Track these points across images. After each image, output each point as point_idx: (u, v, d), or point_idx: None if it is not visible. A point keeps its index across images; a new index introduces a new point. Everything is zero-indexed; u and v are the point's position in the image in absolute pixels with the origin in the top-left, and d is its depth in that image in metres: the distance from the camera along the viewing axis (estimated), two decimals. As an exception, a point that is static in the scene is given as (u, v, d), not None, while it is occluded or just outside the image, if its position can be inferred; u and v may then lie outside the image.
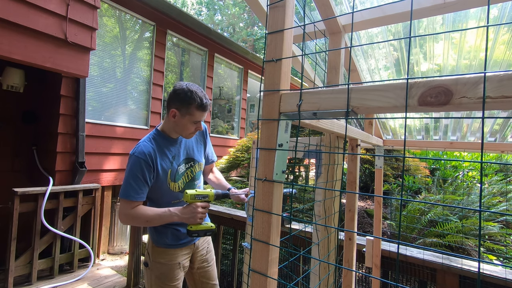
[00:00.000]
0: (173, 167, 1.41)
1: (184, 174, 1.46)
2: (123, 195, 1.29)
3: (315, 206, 1.08)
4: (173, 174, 1.41)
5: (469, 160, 0.45)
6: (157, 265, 1.43)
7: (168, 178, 1.39)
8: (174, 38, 4.88)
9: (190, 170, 1.49)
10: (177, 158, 1.44)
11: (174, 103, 1.34)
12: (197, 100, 1.31)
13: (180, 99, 1.32)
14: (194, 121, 1.36)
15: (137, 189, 1.28)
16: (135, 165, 1.29)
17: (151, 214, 1.30)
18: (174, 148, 1.43)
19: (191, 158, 1.51)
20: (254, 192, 0.68)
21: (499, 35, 1.21)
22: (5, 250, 2.65)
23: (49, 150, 3.25)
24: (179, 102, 1.33)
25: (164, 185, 1.38)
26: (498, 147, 1.85)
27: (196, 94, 1.32)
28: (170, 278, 1.42)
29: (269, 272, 0.62)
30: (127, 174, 1.30)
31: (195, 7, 20.58)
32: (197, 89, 1.34)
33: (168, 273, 1.43)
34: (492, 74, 0.41)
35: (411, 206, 3.76)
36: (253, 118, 10.51)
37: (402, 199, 0.46)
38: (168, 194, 1.42)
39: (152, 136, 1.40)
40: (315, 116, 0.64)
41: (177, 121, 1.36)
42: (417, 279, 1.69)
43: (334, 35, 1.08)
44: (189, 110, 1.32)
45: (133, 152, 1.32)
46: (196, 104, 1.32)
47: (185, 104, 1.31)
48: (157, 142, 1.38)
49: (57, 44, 2.66)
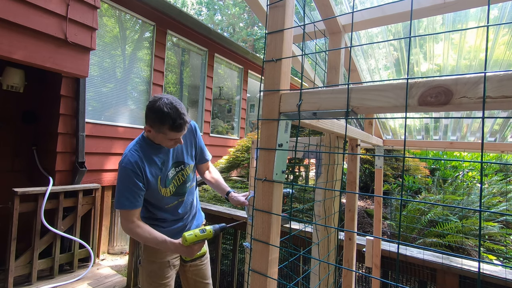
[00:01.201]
0: (163, 173, 1.40)
1: (175, 178, 1.46)
2: (119, 206, 1.29)
3: (315, 206, 1.08)
4: (163, 180, 1.40)
5: (469, 160, 0.45)
6: (148, 263, 1.47)
7: (159, 184, 1.38)
8: (174, 38, 4.88)
9: (181, 173, 1.48)
10: (166, 163, 1.41)
11: (148, 120, 1.29)
12: (169, 122, 1.24)
13: (152, 119, 1.26)
14: (169, 138, 1.32)
15: (131, 198, 1.29)
16: (125, 175, 1.28)
17: (149, 238, 1.31)
18: (163, 154, 1.41)
19: (180, 161, 1.49)
20: (254, 192, 0.68)
21: (499, 35, 1.21)
22: (5, 250, 2.64)
23: (49, 150, 3.24)
24: (151, 121, 1.27)
25: (155, 191, 1.38)
26: (498, 147, 1.85)
27: (169, 115, 1.23)
28: (159, 276, 1.45)
29: (269, 272, 0.62)
30: (119, 185, 1.30)
31: (195, 7, 20.58)
32: (171, 109, 1.24)
33: (157, 271, 1.45)
34: (492, 74, 0.41)
35: (411, 206, 3.76)
36: (253, 118, 10.52)
37: (402, 199, 0.47)
38: (160, 199, 1.42)
39: (139, 144, 1.36)
40: (315, 116, 0.64)
41: (153, 136, 1.33)
42: (417, 279, 1.69)
43: (334, 35, 1.08)
44: (161, 130, 1.27)
45: (121, 163, 1.31)
46: (169, 126, 1.25)
47: (157, 123, 1.26)
48: (143, 149, 1.35)
49: (57, 44, 2.66)
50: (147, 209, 1.45)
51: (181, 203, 1.51)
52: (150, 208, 1.45)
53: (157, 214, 1.47)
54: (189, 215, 1.57)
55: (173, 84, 6.71)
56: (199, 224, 1.65)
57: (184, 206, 1.52)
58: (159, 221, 1.48)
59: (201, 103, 5.62)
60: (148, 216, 1.47)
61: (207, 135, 5.63)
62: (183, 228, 1.53)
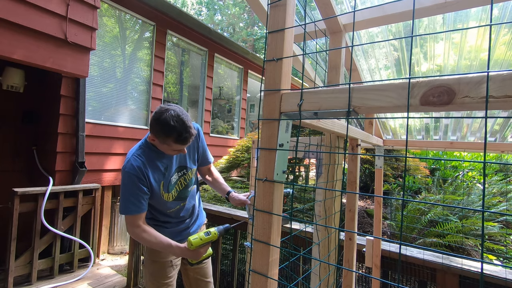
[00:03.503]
0: (166, 179, 1.39)
1: (177, 183, 1.45)
2: (125, 211, 1.28)
3: (316, 206, 1.08)
4: (166, 185, 1.39)
5: (470, 160, 0.45)
6: (150, 263, 1.48)
7: (161, 189, 1.38)
8: (174, 38, 4.87)
9: (183, 178, 1.48)
10: (169, 168, 1.41)
11: (153, 130, 1.27)
12: (174, 135, 1.22)
13: (158, 130, 1.25)
14: (173, 149, 1.31)
15: (137, 202, 1.28)
16: (129, 180, 1.28)
17: (155, 242, 1.30)
18: (166, 159, 1.40)
19: (183, 166, 1.48)
20: (254, 192, 0.67)
21: (499, 35, 1.21)
22: (5, 250, 2.64)
23: (49, 150, 3.24)
24: (156, 132, 1.26)
25: (158, 196, 1.37)
26: (498, 147, 1.84)
27: (175, 129, 1.21)
28: (162, 276, 1.46)
29: (269, 273, 0.62)
30: (123, 191, 1.29)
31: (195, 7, 20.57)
32: (178, 122, 1.22)
33: (160, 270, 1.46)
34: (495, 73, 0.41)
35: (411, 206, 3.75)
36: (253, 118, 10.50)
37: (403, 199, 0.46)
38: (163, 204, 1.42)
39: (142, 149, 1.35)
40: (316, 116, 0.63)
41: (157, 145, 1.32)
42: (417, 279, 1.69)
43: (335, 35, 1.07)
44: (166, 142, 1.26)
45: (124, 168, 1.30)
46: (174, 139, 1.24)
47: (162, 136, 1.25)
48: (146, 155, 1.34)
49: (57, 44, 2.65)
50: (150, 212, 1.45)
51: (183, 207, 1.51)
52: (153, 211, 1.46)
53: (160, 218, 1.47)
54: (192, 217, 1.58)
55: (173, 84, 6.71)
56: (201, 224, 1.65)
57: (186, 209, 1.52)
58: (162, 222, 1.48)
59: (201, 103, 5.61)
60: (151, 217, 1.47)
61: (207, 135, 5.63)
62: (185, 229, 1.53)
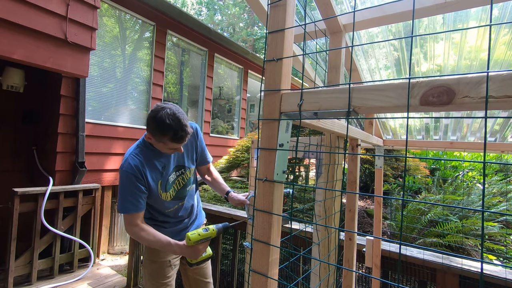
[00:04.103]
0: (164, 178, 1.39)
1: (175, 183, 1.45)
2: (123, 210, 1.28)
3: (316, 206, 1.08)
4: (163, 184, 1.39)
5: (470, 160, 0.45)
6: (149, 263, 1.48)
7: (159, 188, 1.38)
8: (174, 38, 4.87)
9: (181, 177, 1.48)
10: (167, 167, 1.41)
11: (149, 128, 1.28)
12: (170, 133, 1.23)
13: (153, 129, 1.25)
14: (169, 148, 1.31)
15: (135, 201, 1.28)
16: (126, 179, 1.28)
17: (153, 241, 1.30)
18: (164, 158, 1.40)
19: (181, 165, 1.48)
20: (254, 192, 0.67)
21: (499, 35, 1.21)
22: (5, 250, 2.64)
23: (49, 150, 3.24)
24: (152, 130, 1.26)
25: (156, 196, 1.37)
26: (498, 147, 1.85)
27: (170, 127, 1.21)
28: (161, 276, 1.46)
29: (269, 273, 0.62)
30: (121, 190, 1.29)
31: (195, 7, 20.57)
32: (174, 120, 1.22)
33: (158, 270, 1.46)
34: (494, 73, 0.41)
35: (411, 206, 3.76)
36: (253, 118, 10.51)
37: (403, 199, 0.46)
38: (161, 204, 1.42)
39: (140, 148, 1.36)
40: (316, 116, 0.63)
41: (154, 143, 1.33)
42: (417, 279, 1.69)
43: (335, 35, 1.08)
44: (162, 140, 1.26)
45: (122, 167, 1.30)
46: (169, 137, 1.24)
47: (158, 134, 1.25)
48: (144, 154, 1.34)
49: (57, 44, 2.65)
50: (149, 211, 1.45)
51: (181, 207, 1.50)
52: (151, 210, 1.45)
53: (158, 217, 1.47)
54: (191, 217, 1.58)
55: (173, 84, 6.71)
56: (200, 224, 1.65)
57: (184, 209, 1.52)
58: (161, 222, 1.48)
59: (201, 103, 5.61)
60: (150, 217, 1.47)
61: (207, 135, 5.63)
62: (184, 228, 1.53)
